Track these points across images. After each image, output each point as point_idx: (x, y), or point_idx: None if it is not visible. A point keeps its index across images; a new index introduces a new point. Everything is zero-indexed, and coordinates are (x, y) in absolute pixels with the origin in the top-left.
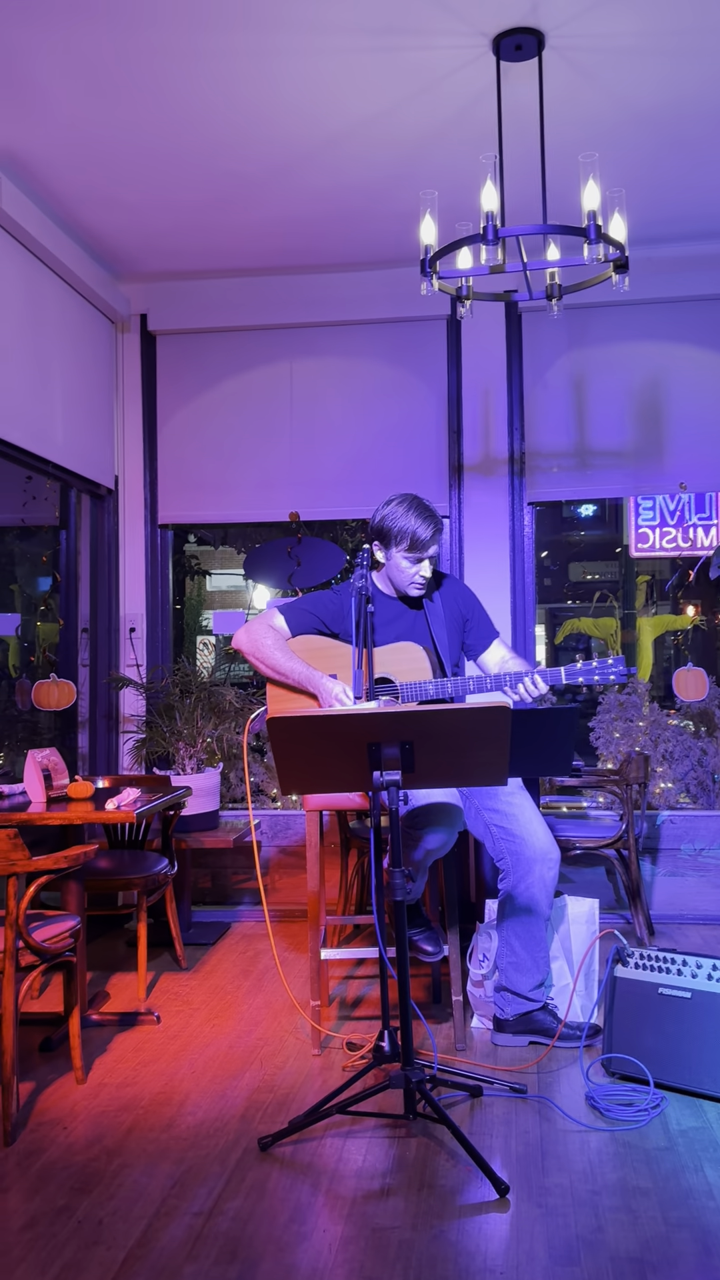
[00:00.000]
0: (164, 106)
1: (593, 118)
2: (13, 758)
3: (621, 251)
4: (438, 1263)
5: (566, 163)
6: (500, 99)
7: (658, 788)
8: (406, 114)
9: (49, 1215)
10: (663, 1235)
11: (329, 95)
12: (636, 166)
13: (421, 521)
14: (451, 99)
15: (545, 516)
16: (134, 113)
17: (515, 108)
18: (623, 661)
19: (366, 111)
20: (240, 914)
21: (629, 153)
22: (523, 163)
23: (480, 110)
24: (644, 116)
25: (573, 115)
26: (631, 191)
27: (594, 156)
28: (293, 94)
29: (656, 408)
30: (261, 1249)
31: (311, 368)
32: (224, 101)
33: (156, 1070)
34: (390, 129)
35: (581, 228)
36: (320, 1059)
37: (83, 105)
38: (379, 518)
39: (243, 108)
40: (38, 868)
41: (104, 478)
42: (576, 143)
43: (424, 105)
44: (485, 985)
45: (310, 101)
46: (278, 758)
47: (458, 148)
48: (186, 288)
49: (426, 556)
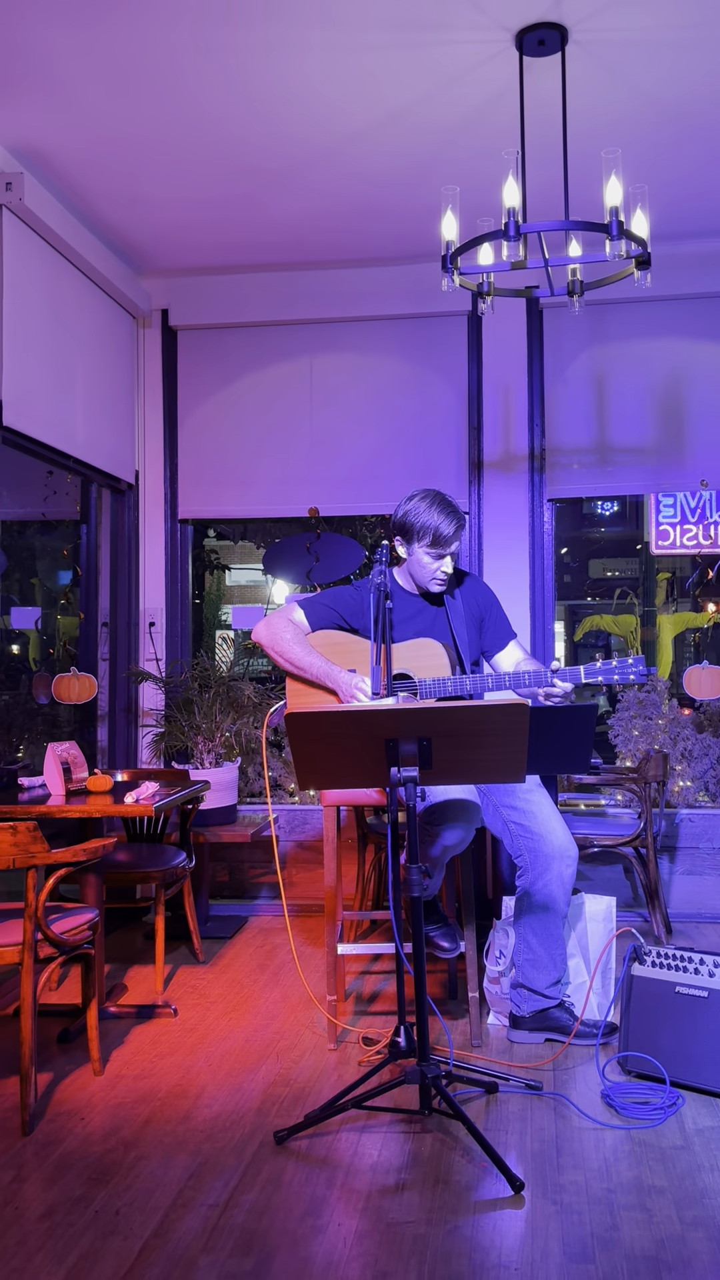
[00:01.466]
0: (185, 103)
1: (615, 113)
2: (33, 751)
3: (644, 248)
4: (452, 1258)
5: (589, 158)
6: (523, 94)
7: (676, 786)
8: (428, 110)
9: (66, 1205)
10: (678, 1234)
11: (350, 91)
12: (659, 162)
13: (444, 517)
14: (473, 94)
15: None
16: (156, 109)
17: (537, 103)
18: (643, 661)
19: (388, 107)
20: (257, 908)
21: (652, 148)
22: (545, 158)
23: (502, 106)
24: (668, 111)
25: (595, 110)
26: (654, 187)
27: (616, 152)
28: (314, 90)
29: (678, 404)
30: (277, 1241)
31: (331, 363)
32: (245, 98)
33: (173, 1063)
34: (412, 125)
35: (604, 224)
36: (336, 1053)
37: (106, 102)
38: (401, 513)
39: (264, 104)
40: (57, 860)
41: (124, 472)
42: (599, 138)
43: (446, 101)
44: (502, 982)
45: (332, 97)
46: (296, 753)
47: (479, 144)
48: (207, 283)
49: (449, 553)
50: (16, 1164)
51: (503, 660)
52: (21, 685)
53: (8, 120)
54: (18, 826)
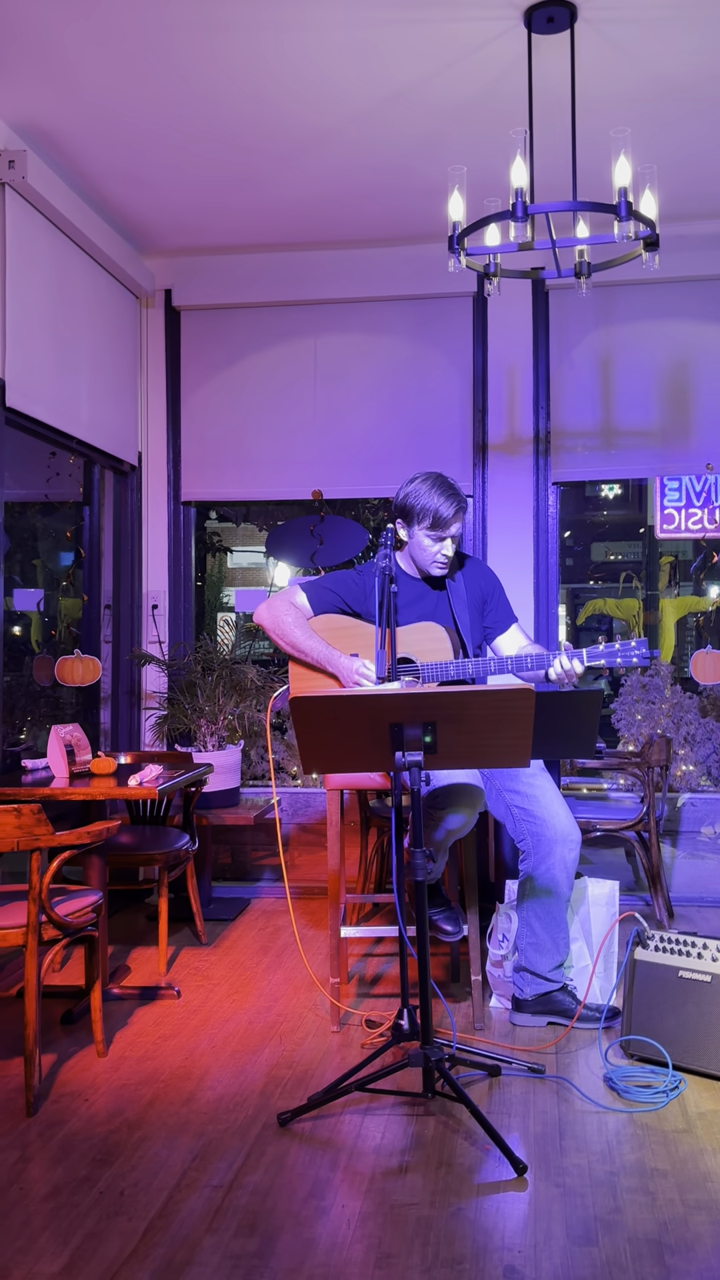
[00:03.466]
0: (190, 81)
1: (624, 92)
2: (36, 733)
3: (652, 229)
4: (455, 1240)
5: (597, 138)
6: (531, 72)
7: (679, 770)
8: (435, 88)
9: (71, 1185)
10: (681, 1217)
11: (356, 69)
12: (669, 142)
13: (444, 499)
14: (481, 73)
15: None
16: (159, 87)
17: (546, 82)
18: (645, 644)
19: (394, 85)
20: (260, 890)
21: (661, 128)
22: (553, 138)
23: (510, 84)
24: (677, 90)
25: (604, 89)
26: (663, 167)
27: (625, 132)
28: (319, 68)
29: (684, 387)
30: (280, 1223)
31: (336, 344)
32: (249, 76)
33: (177, 1044)
34: (418, 103)
35: (612, 205)
36: (339, 1036)
37: (109, 81)
38: (402, 495)
39: (268, 82)
40: (60, 843)
41: (127, 454)
42: (608, 117)
43: (453, 79)
44: (504, 966)
45: (337, 75)
46: (300, 737)
47: (487, 123)
48: (211, 263)
49: (449, 535)
50: (21, 1145)
51: (504, 644)
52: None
53: (10, 98)
54: (21, 809)
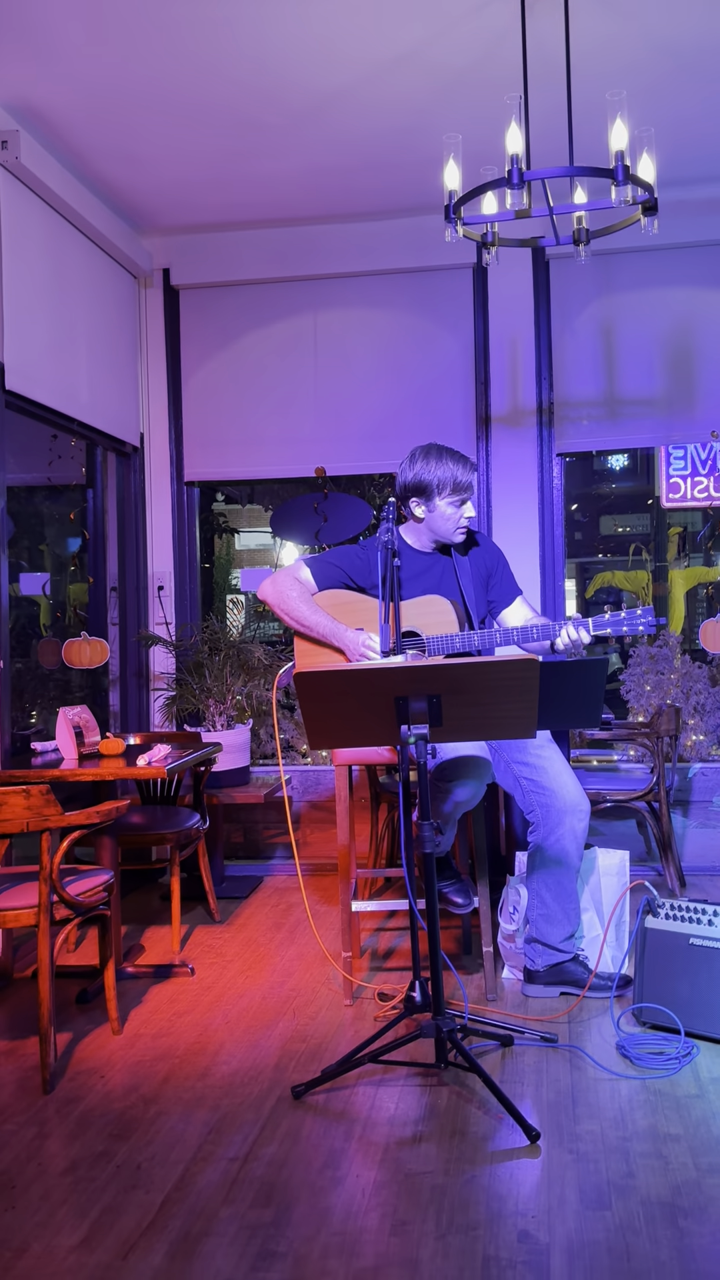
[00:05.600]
0: (183, 54)
1: (621, 55)
2: (45, 716)
3: (650, 193)
4: (470, 1207)
5: (594, 103)
6: (525, 36)
7: (689, 740)
8: (429, 55)
9: (88, 1160)
10: (694, 1180)
11: (352, 34)
12: (666, 104)
13: (458, 465)
14: (475, 38)
15: (575, 469)
16: (151, 61)
17: (541, 46)
18: (651, 612)
19: (389, 52)
20: (272, 868)
21: (658, 91)
22: (549, 104)
23: (504, 50)
24: (673, 51)
25: (600, 53)
26: (661, 131)
27: (621, 94)
28: (311, 37)
29: (687, 355)
30: (296, 1193)
31: (335, 320)
32: (238, 48)
33: (191, 1021)
34: (412, 71)
35: (609, 169)
36: (352, 1009)
37: (101, 56)
38: (413, 474)
39: (258, 53)
40: (70, 823)
41: (129, 435)
42: (604, 82)
43: (447, 45)
44: (516, 938)
45: (329, 44)
46: (306, 713)
47: (482, 90)
48: (208, 241)
49: (469, 497)
50: (39, 1121)
51: (509, 617)
52: (32, 651)
53: (1, 76)
54: (30, 790)
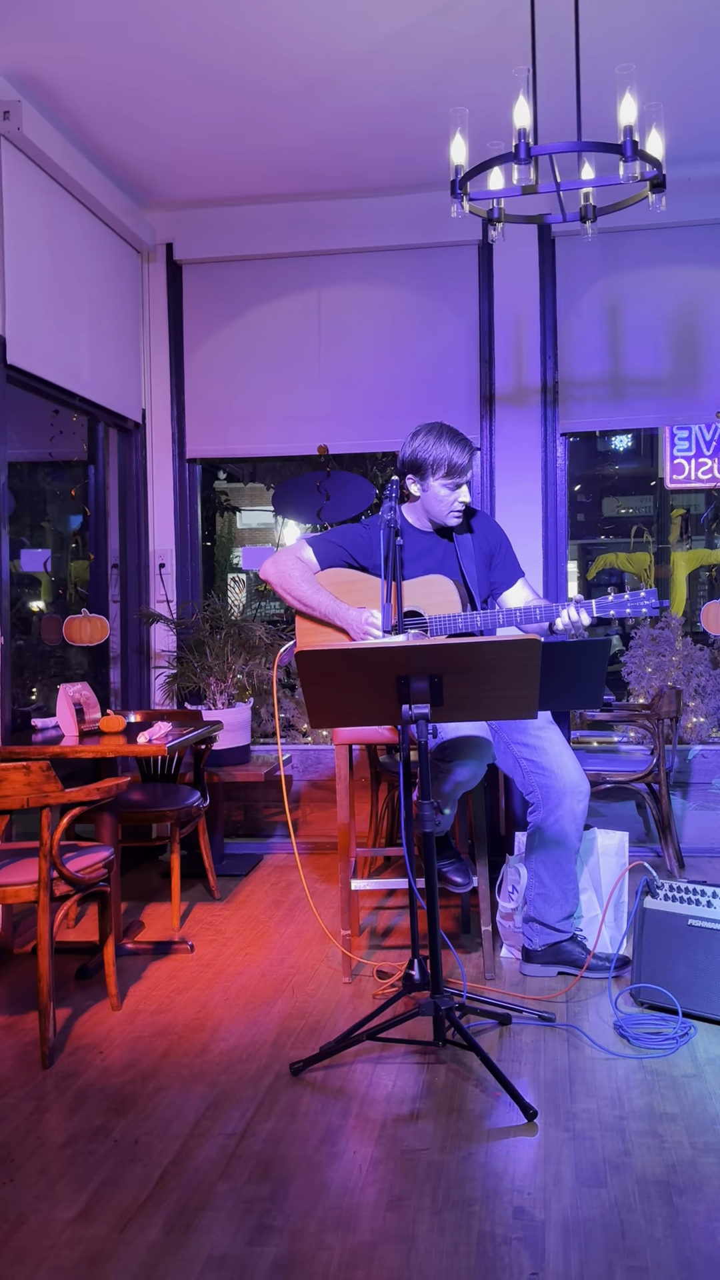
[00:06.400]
0: (185, 24)
1: (630, 28)
2: (45, 692)
3: (659, 169)
4: (466, 1183)
5: (602, 77)
6: (534, 7)
7: (689, 722)
8: (435, 27)
9: (87, 1134)
10: (689, 1159)
11: (355, 8)
12: (676, 79)
13: (456, 447)
14: (483, 9)
15: (579, 450)
16: (157, 31)
17: (549, 18)
18: (654, 594)
19: (393, 25)
20: (272, 846)
21: (668, 66)
22: (557, 79)
23: (512, 21)
24: (684, 25)
25: (609, 25)
26: (670, 107)
27: (631, 68)
28: (318, 5)
29: (693, 335)
30: (293, 1168)
31: (339, 296)
32: (245, 16)
33: (190, 997)
34: (418, 44)
35: (617, 144)
36: (351, 987)
37: (105, 25)
38: (410, 451)
39: (265, 22)
40: (70, 799)
41: (131, 411)
42: (613, 55)
43: (455, 17)
44: (515, 918)
45: (337, 12)
46: (306, 691)
47: (489, 64)
48: (212, 215)
49: (465, 481)
50: (37, 1095)
51: (510, 598)
52: (33, 628)
53: (2, 47)
54: (31, 766)
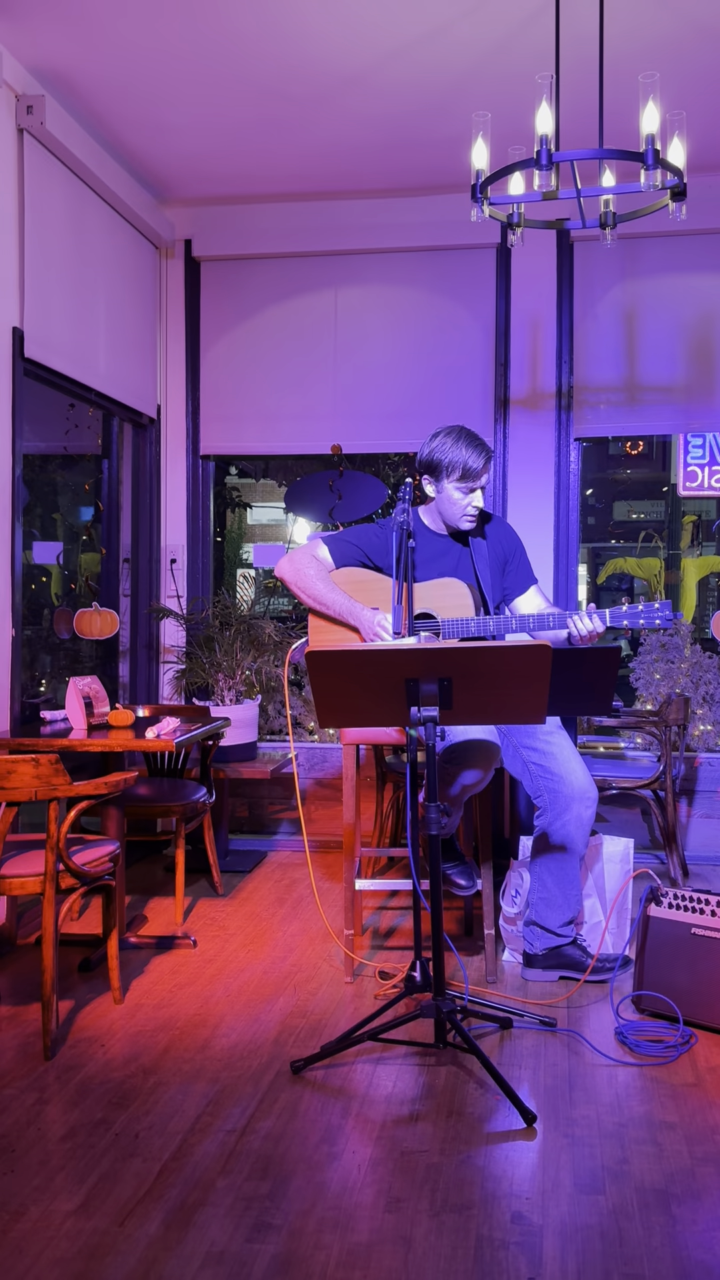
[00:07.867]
0: (212, 22)
1: (654, 35)
2: (55, 685)
3: (679, 178)
4: (464, 1186)
5: (625, 84)
6: (558, 14)
7: (697, 730)
8: (459, 32)
9: (87, 1127)
10: (687, 1168)
11: (380, 11)
12: (699, 87)
13: (472, 451)
14: (507, 16)
15: (591, 454)
16: (179, 28)
17: (573, 25)
18: (669, 606)
19: (418, 30)
20: (276, 843)
21: (691, 73)
22: (580, 84)
23: (536, 28)
24: (709, 32)
25: (633, 32)
26: (692, 114)
27: (654, 76)
28: (341, 8)
29: (709, 342)
30: (293, 1167)
31: (356, 297)
32: (270, 20)
33: (192, 993)
34: (442, 49)
35: (639, 152)
36: (353, 987)
37: (129, 22)
38: (428, 451)
39: (289, 26)
40: (78, 793)
41: (146, 406)
42: (636, 63)
43: (478, 22)
44: (518, 922)
45: (364, 15)
46: (316, 691)
47: (512, 69)
48: (231, 213)
49: (479, 486)
50: (39, 1087)
51: (522, 605)
52: (44, 620)
53: (28, 41)
54: (39, 759)
